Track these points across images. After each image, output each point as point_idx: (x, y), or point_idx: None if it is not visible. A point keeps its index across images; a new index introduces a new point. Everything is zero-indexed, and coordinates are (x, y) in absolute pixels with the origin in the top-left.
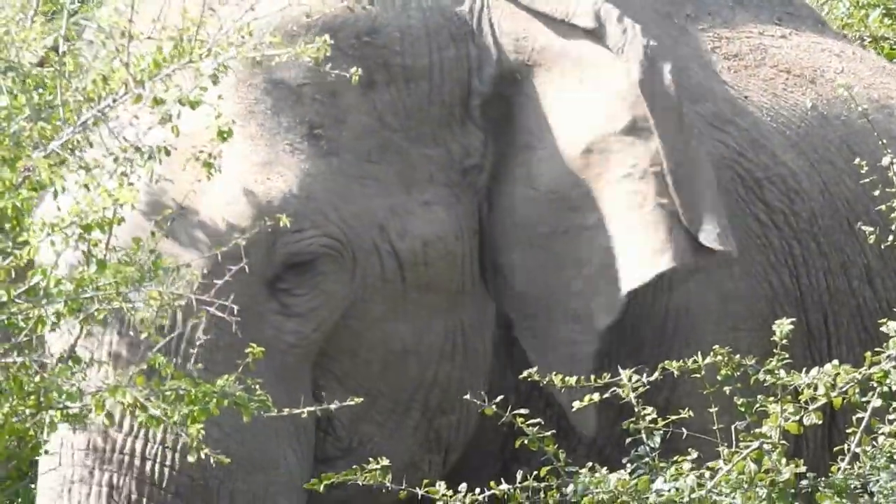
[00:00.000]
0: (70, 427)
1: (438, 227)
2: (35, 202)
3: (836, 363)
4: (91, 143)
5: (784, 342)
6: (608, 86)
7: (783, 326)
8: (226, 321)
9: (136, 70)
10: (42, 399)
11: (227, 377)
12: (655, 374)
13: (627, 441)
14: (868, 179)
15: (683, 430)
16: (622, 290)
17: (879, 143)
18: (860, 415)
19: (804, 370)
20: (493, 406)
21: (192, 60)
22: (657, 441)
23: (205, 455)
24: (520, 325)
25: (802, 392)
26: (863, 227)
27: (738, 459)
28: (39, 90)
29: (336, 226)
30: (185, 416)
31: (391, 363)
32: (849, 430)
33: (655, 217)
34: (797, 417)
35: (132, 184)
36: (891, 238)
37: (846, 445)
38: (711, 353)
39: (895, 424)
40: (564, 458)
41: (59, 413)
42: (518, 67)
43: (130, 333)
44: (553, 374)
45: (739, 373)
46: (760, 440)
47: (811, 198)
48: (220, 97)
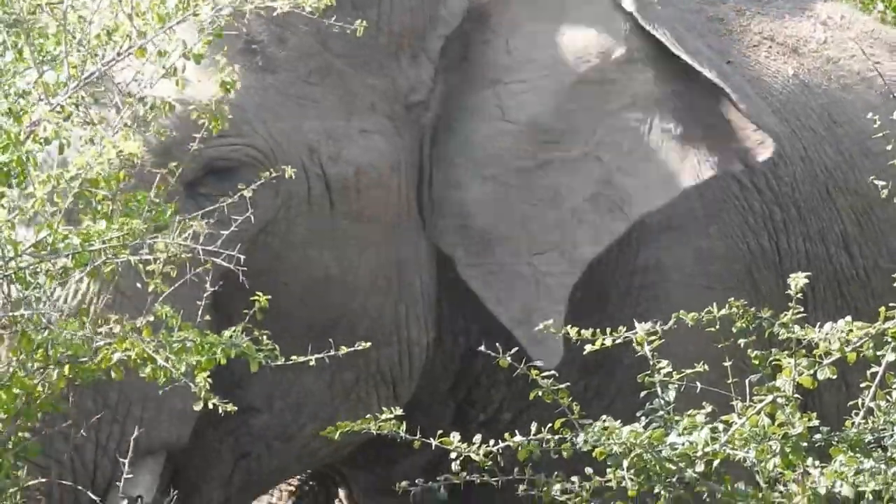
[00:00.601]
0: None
1: (375, 156)
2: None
3: (849, 319)
4: (96, 98)
5: (768, 301)
6: (597, 17)
7: (798, 280)
8: None
9: (141, 23)
10: (49, 353)
11: (234, 328)
12: (670, 323)
13: (643, 393)
14: (880, 135)
15: (697, 385)
16: (632, 215)
17: (859, 112)
18: (874, 369)
19: (817, 325)
20: (508, 358)
21: (196, 13)
22: (671, 395)
23: (212, 405)
24: (468, 262)
25: (817, 346)
26: (875, 181)
27: (752, 413)
28: (41, 41)
29: (263, 139)
30: (192, 367)
31: (312, 289)
32: (863, 385)
33: (665, 142)
34: (811, 371)
35: (137, 137)
36: None
37: (860, 400)
38: (727, 306)
39: None
40: (579, 412)
41: (67, 367)
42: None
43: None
44: (569, 327)
45: (754, 326)
46: (774, 394)
47: (793, 163)
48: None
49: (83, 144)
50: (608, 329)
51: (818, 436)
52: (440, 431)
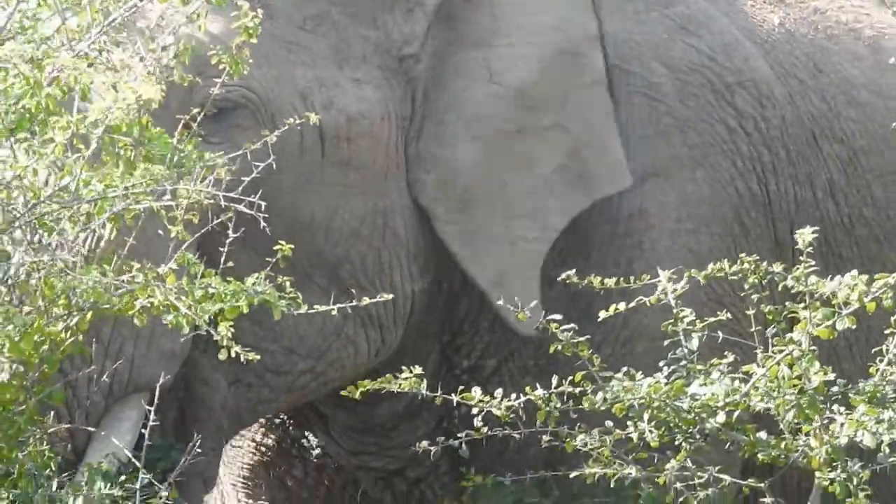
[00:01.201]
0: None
1: (366, 106)
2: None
3: (855, 273)
4: (118, 44)
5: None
6: None
7: (805, 236)
8: None
9: None
10: (72, 300)
11: (257, 275)
12: (688, 277)
13: (666, 342)
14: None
15: (719, 334)
16: (592, 195)
17: (845, 63)
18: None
19: (828, 277)
20: (527, 311)
21: None
22: (695, 344)
23: (235, 353)
24: (447, 220)
25: (836, 297)
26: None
27: (772, 364)
28: None
29: (258, 83)
30: (215, 315)
31: (297, 234)
32: (887, 332)
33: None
34: (829, 322)
35: (159, 83)
36: None
37: (884, 346)
38: (739, 261)
39: None
40: (599, 364)
41: (90, 313)
42: None
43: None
44: (592, 277)
45: (766, 280)
46: (791, 346)
47: (782, 105)
48: None
49: (105, 90)
50: (631, 278)
51: (835, 388)
52: (461, 388)
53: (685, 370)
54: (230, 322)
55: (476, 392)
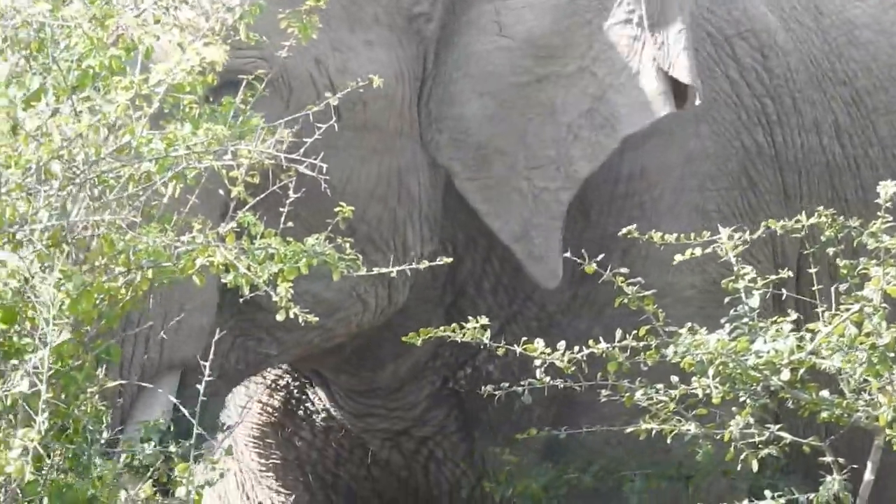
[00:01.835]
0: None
1: (378, 68)
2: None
3: None
4: (184, 3)
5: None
6: None
7: (887, 188)
8: None
9: None
10: (132, 257)
11: (317, 235)
12: (759, 233)
13: (726, 300)
14: None
15: (783, 291)
16: (618, 134)
17: (846, 3)
18: None
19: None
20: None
21: None
22: (756, 301)
23: (293, 314)
24: (466, 176)
25: None
26: None
27: (839, 322)
28: None
29: (272, 51)
30: (274, 275)
31: (313, 197)
32: None
33: (653, 62)
34: None
35: (223, 44)
36: None
37: None
38: (816, 214)
39: None
40: (664, 318)
41: (150, 271)
42: None
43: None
44: (652, 233)
45: (843, 234)
46: (861, 303)
47: (786, 52)
48: None
49: (169, 50)
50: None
51: None
52: (524, 339)
53: (747, 327)
54: (289, 283)
55: (539, 343)
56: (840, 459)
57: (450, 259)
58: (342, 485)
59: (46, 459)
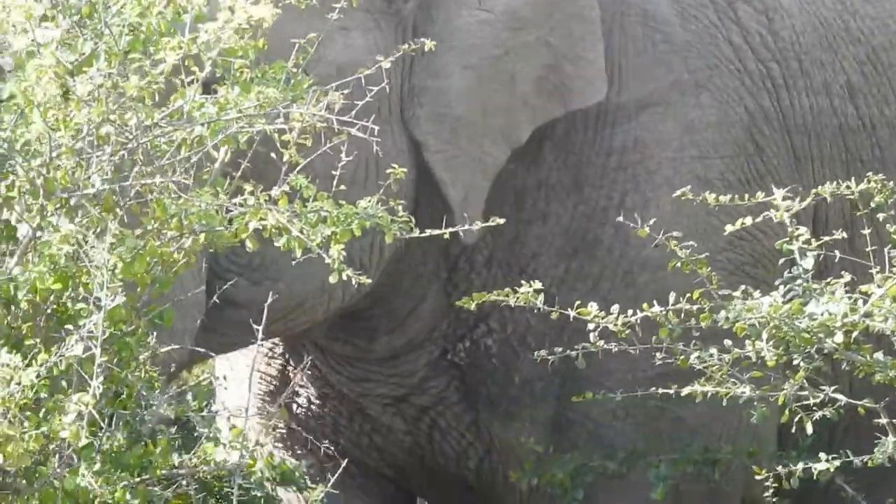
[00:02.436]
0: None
1: (354, 54)
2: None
3: None
4: None
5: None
6: None
7: None
8: None
9: None
10: (184, 221)
11: (370, 198)
12: (809, 200)
13: (781, 261)
14: None
15: (836, 253)
16: (568, 106)
17: None
18: None
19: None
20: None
21: None
22: (810, 263)
23: (346, 276)
24: (436, 149)
25: None
26: None
27: (892, 284)
28: None
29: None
30: (327, 238)
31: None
32: None
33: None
34: None
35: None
36: None
37: None
38: (865, 180)
39: None
40: (717, 282)
41: (202, 235)
42: None
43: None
44: (707, 194)
45: (893, 200)
46: None
47: (791, 15)
48: None
49: (219, 11)
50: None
51: None
52: (577, 302)
53: (801, 289)
54: (342, 245)
55: (592, 307)
56: (895, 422)
57: (502, 220)
58: (344, 451)
59: (101, 425)
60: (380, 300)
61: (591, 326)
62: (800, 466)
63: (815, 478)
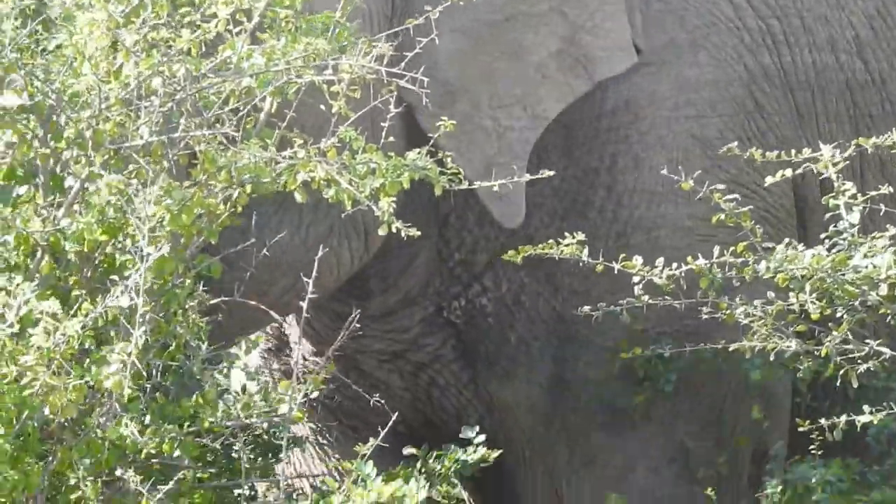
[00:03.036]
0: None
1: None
2: None
3: None
4: None
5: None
6: None
7: None
8: None
9: None
10: (233, 173)
11: (418, 150)
12: (850, 150)
13: (827, 216)
14: None
15: (882, 206)
16: (594, 77)
17: None
18: None
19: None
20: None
21: None
22: (856, 217)
23: (395, 228)
24: (431, 113)
25: None
26: None
27: None
28: None
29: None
30: (376, 190)
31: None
32: None
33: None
34: None
35: None
36: None
37: None
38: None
39: None
40: (761, 234)
41: (250, 186)
42: None
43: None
44: (753, 150)
45: None
46: None
47: None
48: None
49: None
50: None
51: None
52: (622, 255)
53: (846, 243)
54: (392, 197)
55: (637, 260)
56: None
57: (551, 172)
58: (347, 407)
59: (147, 376)
60: (373, 259)
61: (636, 279)
62: (843, 419)
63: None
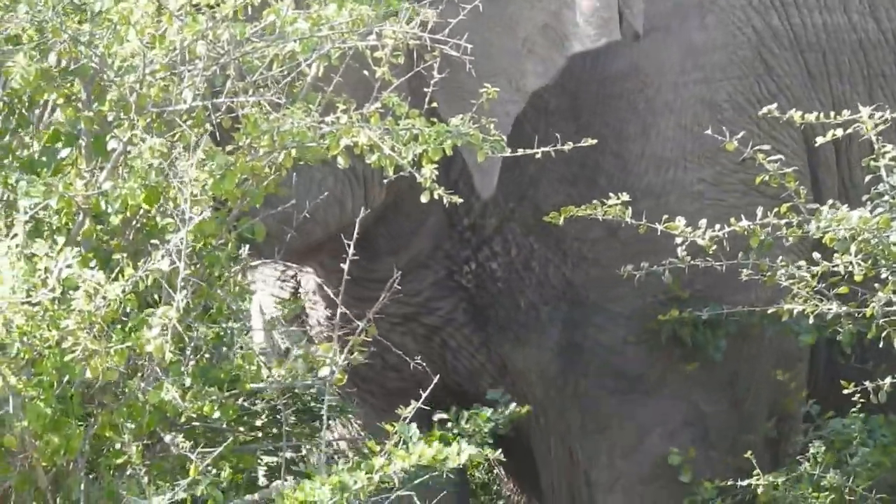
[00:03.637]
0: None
1: None
2: None
3: None
4: None
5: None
6: None
7: None
8: None
9: None
10: (276, 138)
11: (462, 116)
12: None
13: (867, 178)
14: None
15: None
16: (567, 51)
17: None
18: None
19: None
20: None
21: None
22: None
23: (438, 195)
24: (435, 84)
25: None
26: None
27: None
28: None
29: None
30: (419, 156)
31: None
32: None
33: None
34: None
35: None
36: None
37: None
38: None
39: None
40: (805, 195)
41: (294, 151)
42: None
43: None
44: (794, 111)
45: None
46: None
47: None
48: None
49: None
50: None
51: None
52: (665, 216)
53: (888, 205)
54: (434, 164)
55: (680, 221)
56: None
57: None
58: (363, 372)
59: (188, 339)
60: (382, 220)
61: (679, 240)
62: (888, 381)
63: None
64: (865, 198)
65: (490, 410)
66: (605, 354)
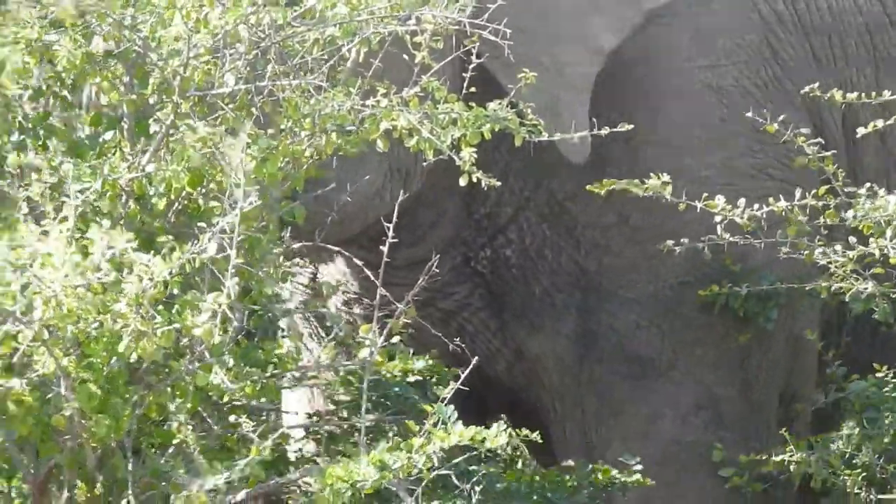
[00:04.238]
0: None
1: None
2: None
3: None
4: None
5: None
6: None
7: None
8: None
9: None
10: (317, 121)
11: (499, 101)
12: None
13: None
14: None
15: None
16: (643, 5)
17: None
18: None
19: None
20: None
21: None
22: None
23: (477, 178)
24: (490, 55)
25: None
26: None
27: None
28: None
29: None
30: (457, 140)
31: None
32: None
33: None
34: None
35: None
36: None
37: None
38: None
39: None
40: (843, 178)
41: (334, 135)
42: None
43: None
44: (834, 91)
45: None
46: None
47: None
48: None
49: None
50: None
51: None
52: (705, 195)
53: None
54: (473, 148)
55: (720, 200)
56: None
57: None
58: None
59: (232, 319)
60: (404, 211)
61: (718, 219)
62: None
63: None
64: None
65: None
66: (618, 340)
